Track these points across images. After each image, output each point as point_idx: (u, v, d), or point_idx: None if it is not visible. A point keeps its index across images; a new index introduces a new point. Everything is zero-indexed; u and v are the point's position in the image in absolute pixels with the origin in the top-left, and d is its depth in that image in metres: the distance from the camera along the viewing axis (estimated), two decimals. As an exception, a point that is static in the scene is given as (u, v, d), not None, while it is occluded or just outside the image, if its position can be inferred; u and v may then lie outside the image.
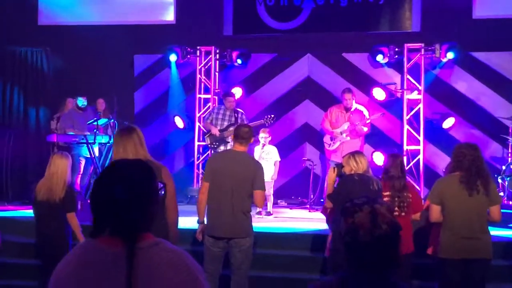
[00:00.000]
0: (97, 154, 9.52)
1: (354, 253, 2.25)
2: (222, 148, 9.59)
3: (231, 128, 9.40)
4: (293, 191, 11.03)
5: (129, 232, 2.12)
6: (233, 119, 9.68)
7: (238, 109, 9.91)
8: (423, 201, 6.24)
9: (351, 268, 2.27)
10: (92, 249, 2.15)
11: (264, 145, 9.29)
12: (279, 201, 10.68)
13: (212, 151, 9.80)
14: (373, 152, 10.53)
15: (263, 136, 9.30)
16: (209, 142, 9.86)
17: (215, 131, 9.71)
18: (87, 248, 2.17)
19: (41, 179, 6.32)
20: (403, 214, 6.06)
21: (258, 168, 5.58)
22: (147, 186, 2.18)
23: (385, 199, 5.88)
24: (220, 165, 5.50)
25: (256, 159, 7.94)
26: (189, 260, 2.18)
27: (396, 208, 6.02)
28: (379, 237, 2.21)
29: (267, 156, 9.32)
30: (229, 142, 9.48)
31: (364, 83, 11.18)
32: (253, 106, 11.10)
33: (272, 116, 9.46)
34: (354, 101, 9.99)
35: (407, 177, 5.99)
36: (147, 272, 2.08)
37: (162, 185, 2.24)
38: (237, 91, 11.10)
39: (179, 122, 11.58)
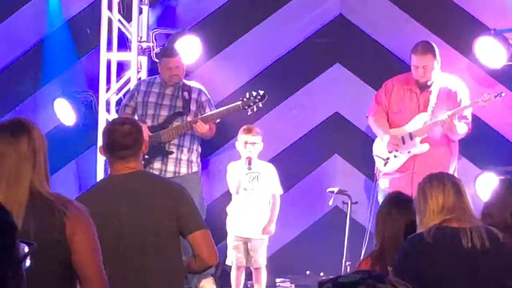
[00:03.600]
0: None
1: None
2: (157, 166, 7.79)
3: (177, 123, 7.79)
4: (309, 258, 8.50)
5: None
6: (179, 102, 7.82)
7: (191, 83, 7.90)
8: None
9: None
10: None
11: (249, 160, 7.17)
12: (278, 281, 8.45)
13: None
14: (479, 174, 7.99)
15: (246, 140, 7.23)
16: None
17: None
18: None
19: None
20: None
21: (179, 193, 4.44)
22: None
23: None
24: (103, 209, 4.19)
25: (233, 189, 7.52)
26: None
27: None
28: None
29: (256, 185, 7.29)
30: (173, 152, 7.77)
31: (460, 28, 8.33)
32: (222, 77, 8.40)
33: (261, 93, 7.56)
34: (436, 70, 7.55)
35: None
36: None
37: (26, 248, 2.03)
38: (188, 44, 8.34)
39: (65, 112, 8.55)
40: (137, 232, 4.26)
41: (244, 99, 7.39)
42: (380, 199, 7.56)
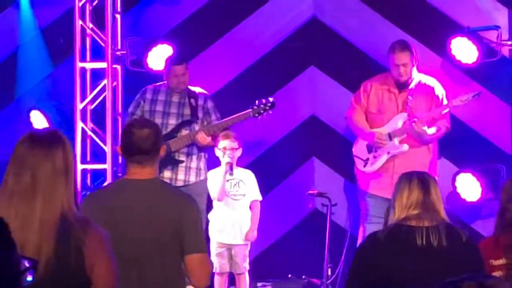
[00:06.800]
0: None
1: None
2: (168, 175, 7.69)
3: (185, 131, 7.71)
4: (290, 261, 8.50)
5: None
6: (187, 110, 7.75)
7: (196, 89, 7.80)
8: None
9: None
10: None
11: (230, 166, 7.19)
12: (260, 285, 8.47)
13: None
14: (457, 173, 7.91)
15: (225, 146, 7.25)
16: None
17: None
18: None
19: None
20: None
21: (187, 205, 4.37)
22: None
23: (496, 273, 4.77)
24: (105, 217, 4.13)
25: (215, 196, 7.61)
26: None
27: None
28: None
29: (237, 191, 7.36)
30: (183, 161, 7.69)
31: (434, 28, 8.40)
32: (195, 83, 8.06)
33: (271, 100, 7.51)
34: (415, 68, 7.50)
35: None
36: None
37: (29, 264, 2.04)
38: (162, 51, 8.38)
39: (41, 123, 8.50)
40: (138, 241, 4.22)
41: (254, 106, 7.39)
42: (360, 200, 7.59)
